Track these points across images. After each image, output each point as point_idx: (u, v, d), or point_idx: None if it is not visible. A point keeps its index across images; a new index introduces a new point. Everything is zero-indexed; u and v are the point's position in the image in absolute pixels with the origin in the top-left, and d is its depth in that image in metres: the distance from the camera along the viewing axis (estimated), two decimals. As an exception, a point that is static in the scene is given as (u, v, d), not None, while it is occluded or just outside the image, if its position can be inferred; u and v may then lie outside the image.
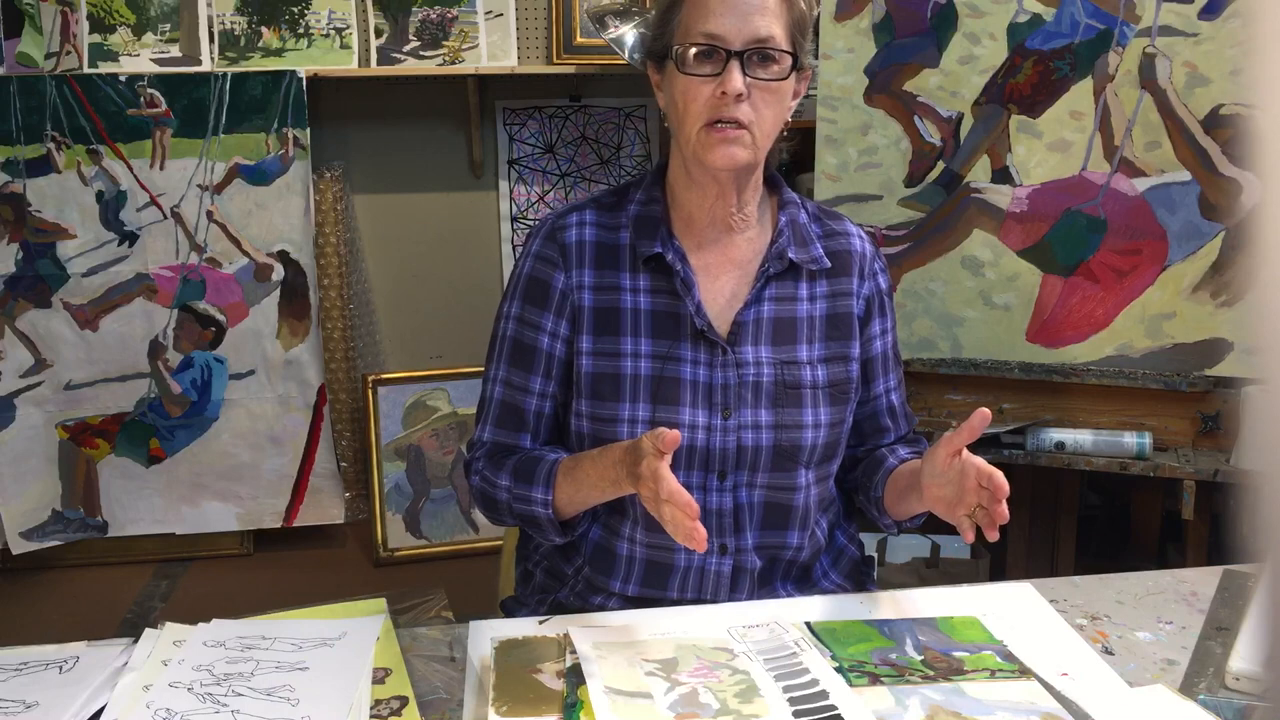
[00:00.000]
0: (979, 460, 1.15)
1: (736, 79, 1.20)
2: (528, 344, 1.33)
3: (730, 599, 1.31)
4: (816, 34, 2.32)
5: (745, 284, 1.32)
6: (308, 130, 2.91)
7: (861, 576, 1.43)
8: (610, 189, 1.40)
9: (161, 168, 2.88)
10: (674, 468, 1.26)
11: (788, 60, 1.23)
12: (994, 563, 2.55)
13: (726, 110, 1.21)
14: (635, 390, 1.29)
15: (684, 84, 1.23)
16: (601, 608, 1.33)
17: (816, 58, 2.36)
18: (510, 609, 1.44)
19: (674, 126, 1.28)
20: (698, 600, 1.31)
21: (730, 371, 1.29)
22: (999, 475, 1.13)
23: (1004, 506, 1.13)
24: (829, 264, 1.34)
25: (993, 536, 1.15)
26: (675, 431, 1.11)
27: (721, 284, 1.32)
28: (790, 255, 1.31)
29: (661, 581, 1.32)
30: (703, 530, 1.07)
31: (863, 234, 1.40)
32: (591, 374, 1.30)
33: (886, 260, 1.39)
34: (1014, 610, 1.23)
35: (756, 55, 1.22)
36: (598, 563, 1.34)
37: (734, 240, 1.33)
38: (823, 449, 1.32)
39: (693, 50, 1.22)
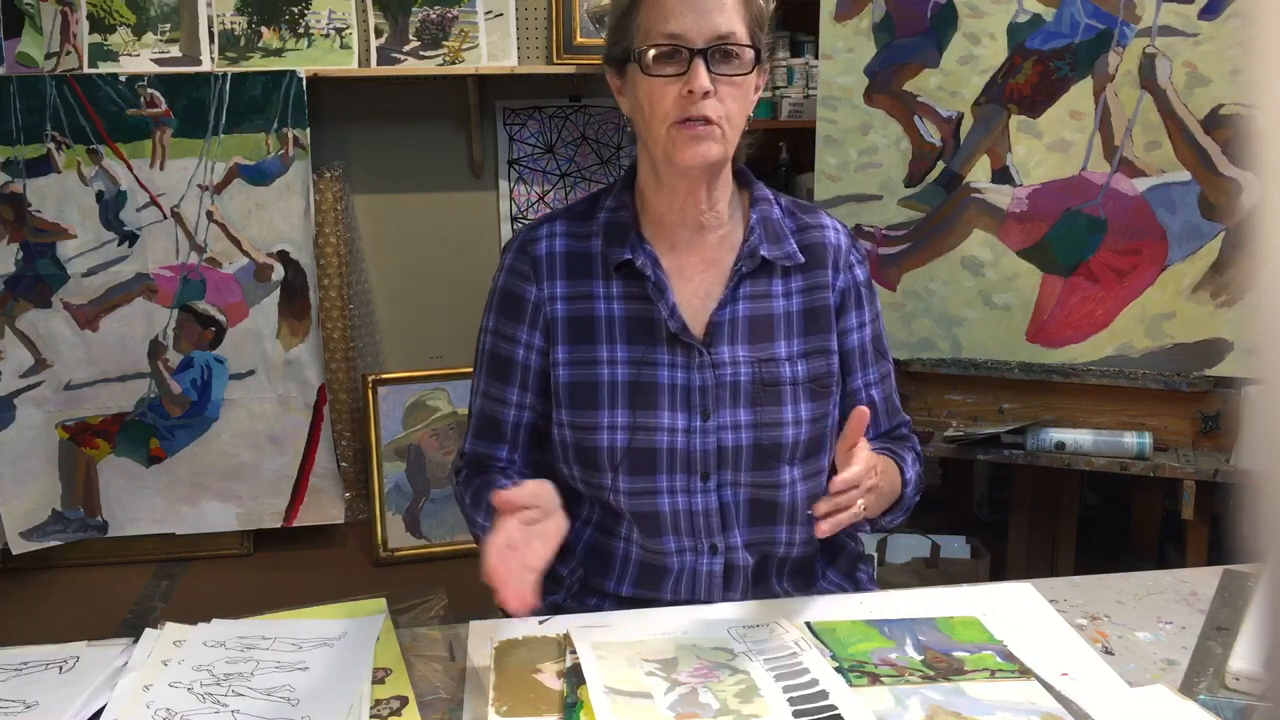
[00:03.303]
0: (855, 466, 1.14)
1: (703, 77, 1.20)
2: (504, 356, 1.35)
3: (725, 598, 1.31)
4: (815, 34, 2.33)
5: (719, 284, 1.32)
6: (308, 130, 2.91)
7: (858, 574, 1.43)
8: (582, 198, 1.40)
9: (161, 168, 2.88)
10: (657, 471, 1.28)
11: (750, 54, 1.24)
12: (994, 563, 2.55)
13: (694, 108, 1.21)
14: (614, 397, 1.29)
15: (649, 86, 1.23)
16: (597, 609, 1.33)
17: (817, 57, 2.37)
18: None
19: (641, 129, 1.28)
20: (691, 601, 1.31)
21: (707, 373, 1.29)
22: (844, 475, 1.12)
23: (823, 503, 1.12)
24: (802, 259, 1.33)
25: (820, 532, 1.13)
26: (522, 494, 1.12)
27: (695, 285, 1.32)
28: (762, 252, 1.31)
29: (655, 583, 1.32)
30: (526, 598, 1.05)
31: (839, 226, 1.40)
32: (569, 384, 1.31)
33: (886, 260, 1.39)
34: (1014, 610, 1.23)
35: (719, 52, 1.22)
36: (593, 564, 1.34)
37: (706, 240, 1.33)
38: (805, 445, 1.32)
39: (655, 51, 1.22)
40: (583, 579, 1.35)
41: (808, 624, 1.18)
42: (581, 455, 1.31)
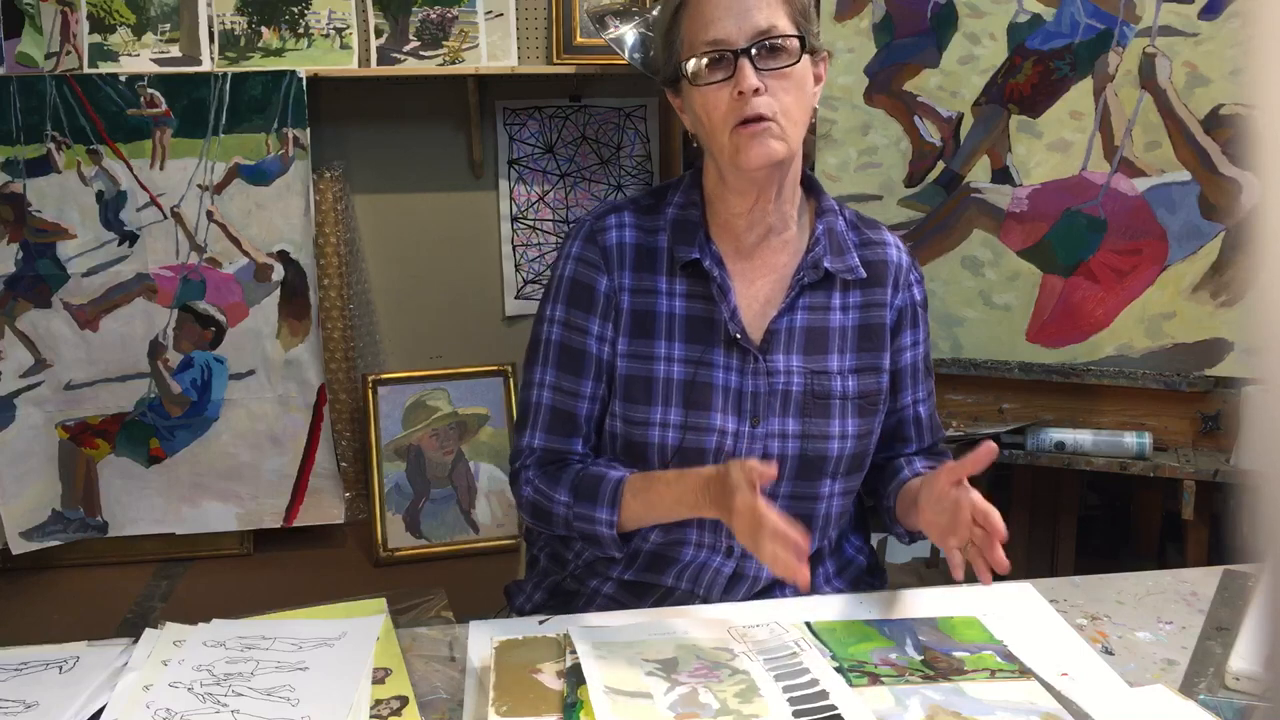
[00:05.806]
0: (977, 495, 1.13)
1: (749, 75, 1.20)
2: (576, 348, 1.32)
3: (724, 599, 1.31)
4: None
5: (780, 291, 1.32)
6: (308, 130, 2.91)
7: (865, 587, 1.42)
8: (647, 190, 1.40)
9: (161, 168, 2.88)
10: None
11: (795, 44, 1.23)
12: (994, 563, 2.54)
13: (747, 108, 1.21)
14: (667, 394, 1.29)
15: (701, 96, 1.24)
16: (597, 591, 1.34)
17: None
18: (511, 593, 1.45)
19: (706, 140, 1.28)
20: (690, 592, 1.32)
21: (760, 379, 1.29)
22: (995, 516, 1.11)
23: (1000, 553, 1.11)
24: (864, 274, 1.34)
25: (986, 581, 1.13)
26: (772, 466, 1.10)
27: (756, 290, 1.32)
28: (826, 264, 1.31)
29: (660, 570, 1.32)
30: (806, 571, 1.05)
31: (900, 244, 1.40)
32: (625, 376, 1.30)
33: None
34: (1014, 610, 1.23)
35: (763, 48, 1.22)
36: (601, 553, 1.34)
37: (771, 244, 1.33)
38: (849, 460, 1.32)
39: (701, 61, 1.23)
40: (588, 561, 1.35)
41: (808, 624, 1.18)
42: (630, 449, 1.30)
